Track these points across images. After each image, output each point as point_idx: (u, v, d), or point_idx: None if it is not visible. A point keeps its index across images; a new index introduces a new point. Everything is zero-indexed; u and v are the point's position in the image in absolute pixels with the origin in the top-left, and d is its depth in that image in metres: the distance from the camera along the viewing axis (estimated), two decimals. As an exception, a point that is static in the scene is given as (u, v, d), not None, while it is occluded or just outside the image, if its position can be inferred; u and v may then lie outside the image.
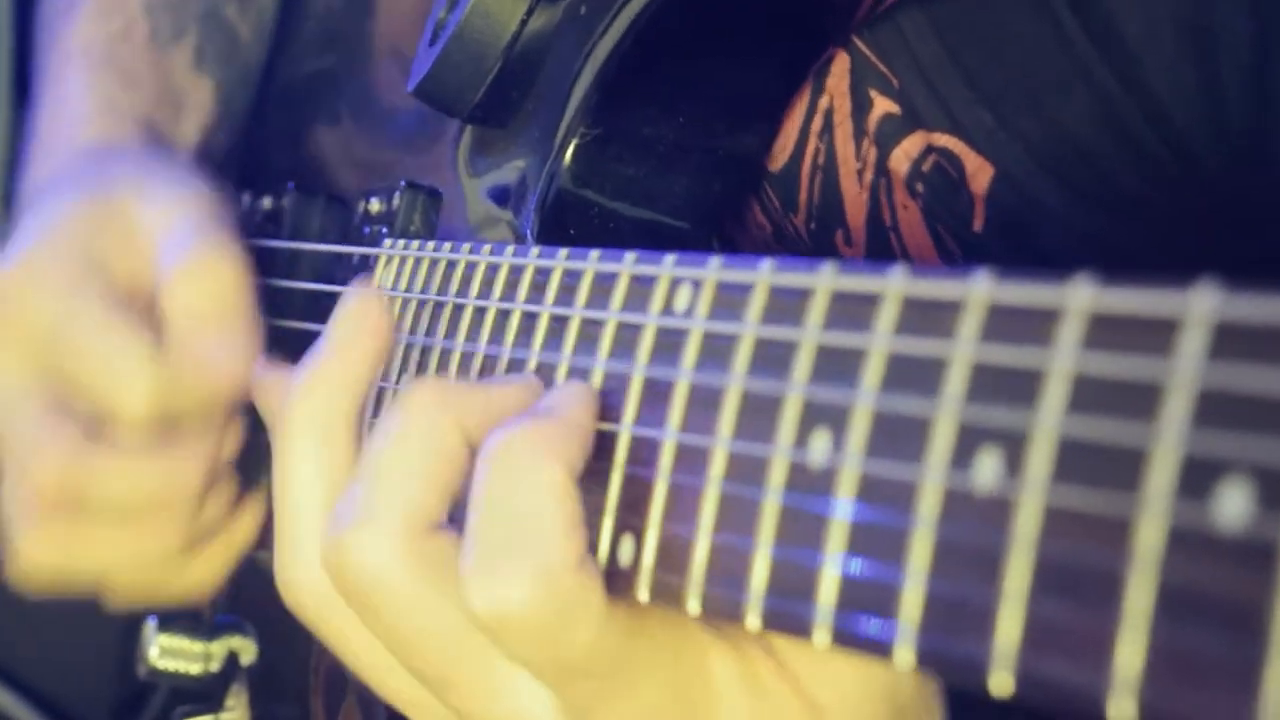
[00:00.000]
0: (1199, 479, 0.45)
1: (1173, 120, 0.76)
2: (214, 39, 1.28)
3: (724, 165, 0.93)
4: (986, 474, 0.52)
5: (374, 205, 1.05)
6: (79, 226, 1.06)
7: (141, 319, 1.02)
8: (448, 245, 0.89)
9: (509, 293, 0.81)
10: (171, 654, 1.15)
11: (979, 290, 0.54)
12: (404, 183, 1.01)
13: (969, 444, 0.52)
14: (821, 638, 0.58)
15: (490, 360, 0.81)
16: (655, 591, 0.66)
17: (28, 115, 1.24)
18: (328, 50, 1.28)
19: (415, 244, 0.95)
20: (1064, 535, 0.49)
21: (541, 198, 0.90)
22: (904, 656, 0.54)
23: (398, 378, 0.88)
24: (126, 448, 1.01)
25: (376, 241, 1.02)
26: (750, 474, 0.62)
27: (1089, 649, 0.47)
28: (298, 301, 1.11)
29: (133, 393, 1.00)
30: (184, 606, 1.24)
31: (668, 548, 0.66)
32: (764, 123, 0.94)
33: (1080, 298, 0.50)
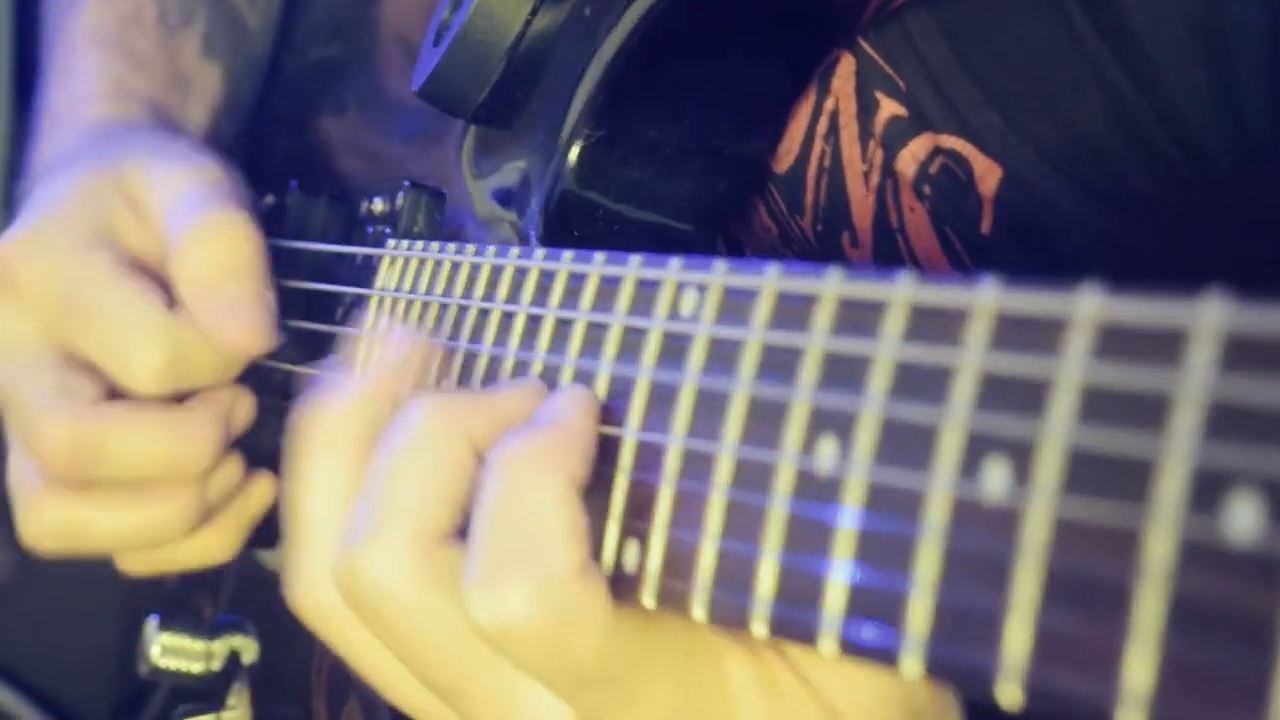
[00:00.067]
0: (1209, 491, 0.45)
1: (1185, 119, 0.76)
2: (222, 26, 1.28)
3: (729, 167, 0.93)
4: (994, 483, 0.51)
5: (377, 205, 1.05)
6: (89, 198, 1.05)
7: (152, 284, 1.01)
8: (452, 246, 0.89)
9: (513, 294, 0.81)
10: (173, 653, 1.15)
11: (986, 298, 0.54)
12: (407, 183, 1.01)
13: (977, 453, 0.52)
14: (828, 646, 0.58)
15: (495, 362, 0.81)
16: (661, 597, 0.66)
17: (35, 93, 1.23)
18: (334, 39, 1.28)
19: (419, 245, 0.94)
20: (1073, 546, 0.49)
21: (546, 199, 0.90)
22: (911, 666, 0.54)
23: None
24: (139, 413, 1.00)
25: (380, 242, 1.02)
26: (756, 480, 0.62)
27: (1098, 661, 0.47)
28: (299, 301, 1.10)
29: (145, 357, 0.99)
30: (185, 605, 1.24)
31: (673, 553, 0.66)
32: (769, 125, 0.94)
33: (1088, 307, 0.50)
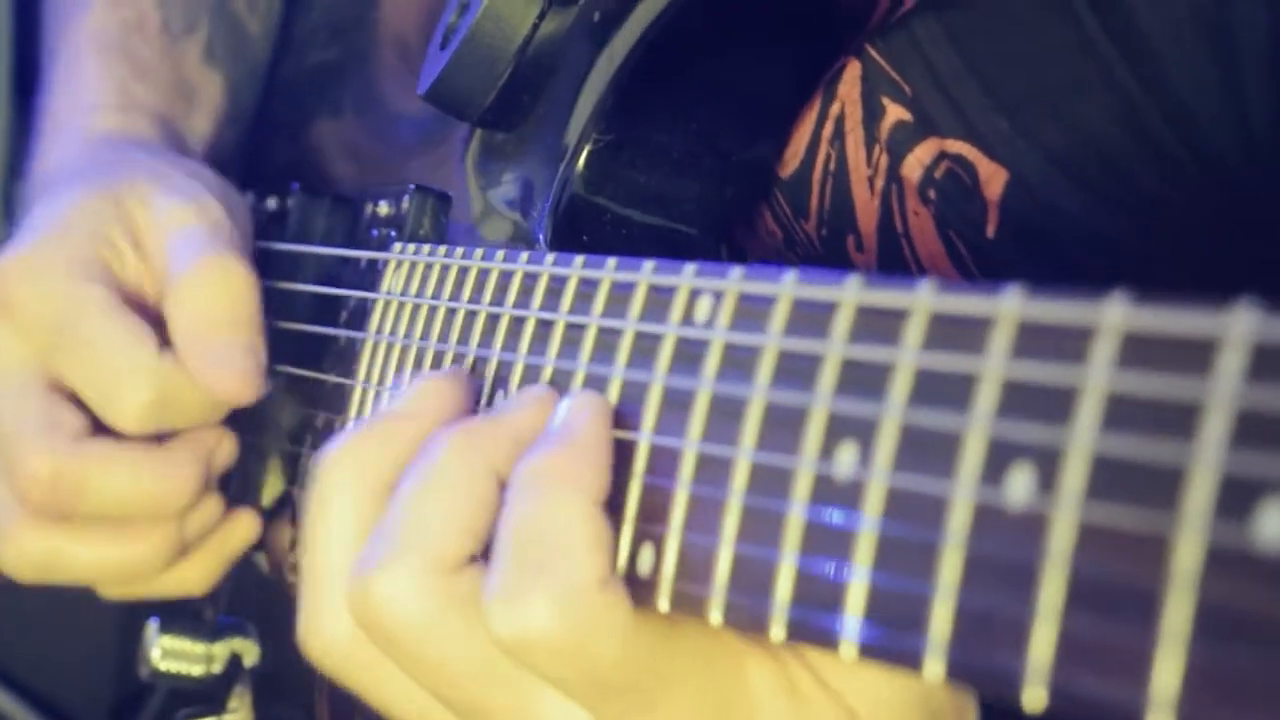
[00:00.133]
0: (1238, 499, 0.45)
1: (1193, 119, 0.76)
2: (224, 33, 1.28)
3: (736, 172, 0.93)
4: (1019, 490, 0.52)
5: (382, 208, 1.04)
6: (90, 221, 1.05)
7: (146, 321, 1.02)
8: (460, 251, 0.89)
9: (523, 299, 0.81)
10: (173, 655, 1.15)
11: (1010, 306, 0.54)
12: (413, 186, 1.01)
13: (1000, 460, 0.53)
14: (848, 650, 0.58)
15: (504, 366, 0.81)
16: (676, 601, 0.66)
17: (35, 99, 1.23)
18: (333, 42, 1.28)
19: (426, 248, 0.94)
20: (1099, 552, 0.49)
21: (555, 203, 0.90)
22: (933, 669, 0.54)
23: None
24: (121, 451, 1.00)
25: (385, 245, 1.02)
26: (774, 485, 0.62)
27: (1126, 666, 0.47)
28: (301, 303, 1.10)
29: (132, 396, 0.99)
30: (186, 607, 1.24)
31: (689, 557, 0.66)
32: (776, 130, 0.94)
33: (1114, 315, 0.50)
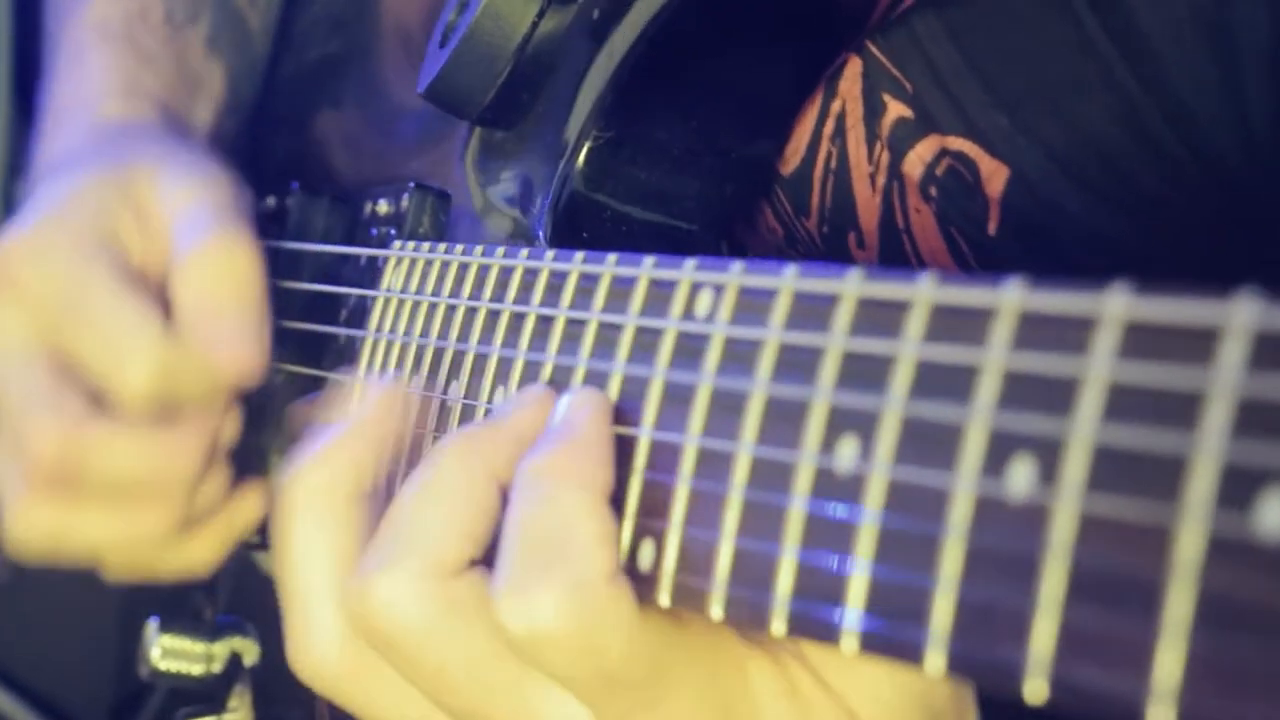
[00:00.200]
0: (1239, 489, 0.45)
1: (1193, 119, 0.76)
2: (226, 25, 1.28)
3: (736, 169, 0.93)
4: (1020, 481, 0.52)
5: (382, 206, 1.04)
6: (95, 200, 1.05)
7: (151, 298, 1.01)
8: (460, 247, 0.89)
9: (523, 295, 0.81)
10: (173, 655, 1.15)
11: (1011, 297, 0.54)
12: (413, 184, 1.01)
13: (1002, 451, 0.53)
14: (849, 644, 0.58)
15: (505, 363, 0.81)
16: (677, 596, 0.66)
17: (38, 88, 1.23)
18: (334, 34, 1.28)
19: (425, 246, 0.94)
20: (1101, 543, 0.49)
21: (554, 200, 0.90)
22: (935, 662, 0.54)
23: (409, 380, 0.88)
24: (126, 425, 1.00)
25: (385, 243, 1.02)
26: (775, 479, 0.62)
27: (1127, 657, 0.47)
28: (301, 302, 1.10)
29: (137, 368, 0.99)
30: (186, 606, 1.24)
31: (689, 552, 0.66)
32: (776, 127, 0.94)
33: (1116, 306, 0.50)
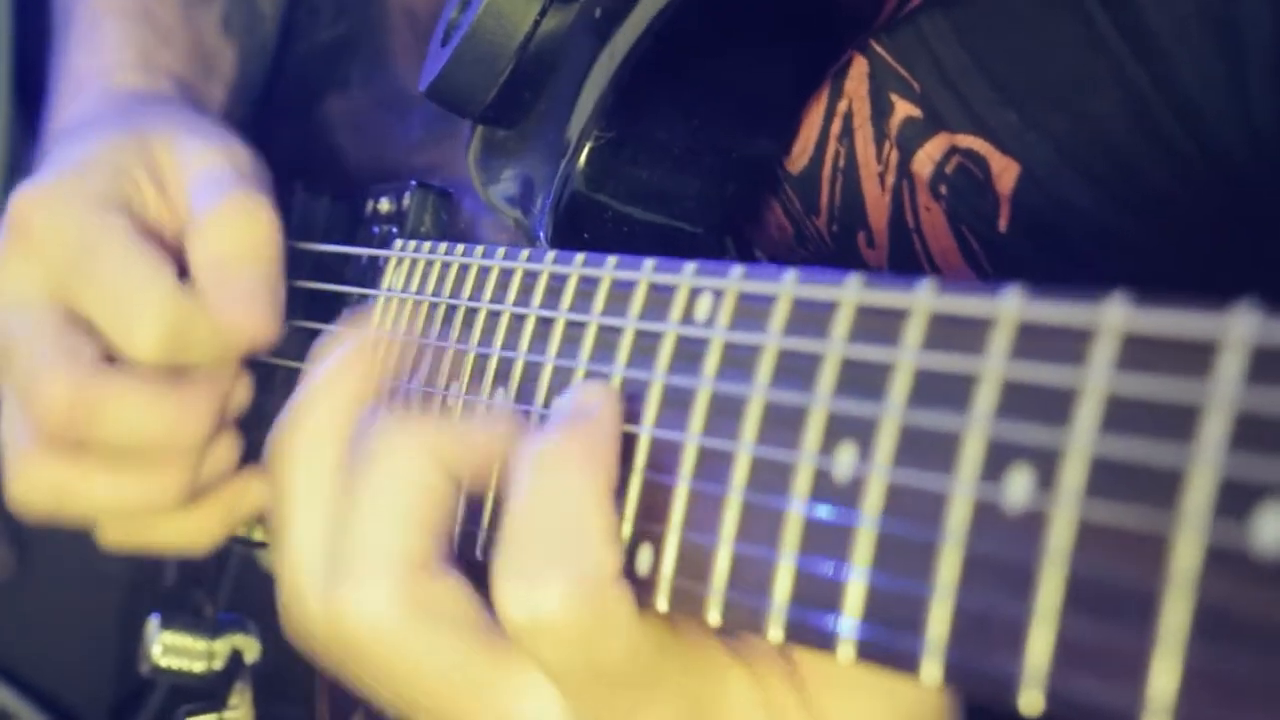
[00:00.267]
0: (1237, 501, 0.45)
1: (1201, 116, 0.76)
2: (239, 7, 1.28)
3: (738, 169, 0.93)
4: (1018, 491, 0.51)
5: (384, 205, 1.04)
6: (112, 160, 1.05)
7: (165, 256, 1.01)
8: (460, 248, 0.89)
9: (524, 297, 0.81)
10: (174, 652, 1.15)
11: (1009, 307, 0.54)
12: (414, 183, 1.01)
13: (1000, 460, 0.52)
14: (845, 652, 0.58)
15: (505, 364, 0.81)
16: (675, 600, 0.66)
17: (50, 63, 1.23)
18: (340, 18, 1.28)
19: (426, 246, 0.94)
20: (1098, 553, 0.49)
21: (555, 200, 0.90)
22: (931, 671, 0.54)
23: (409, 377, 0.88)
24: (137, 379, 0.99)
25: (386, 242, 1.02)
26: (773, 484, 0.62)
27: (1123, 667, 0.47)
28: (302, 301, 1.10)
29: (148, 325, 0.98)
30: (187, 604, 1.24)
31: (688, 556, 0.66)
32: (779, 126, 0.94)
33: (1114, 316, 0.50)
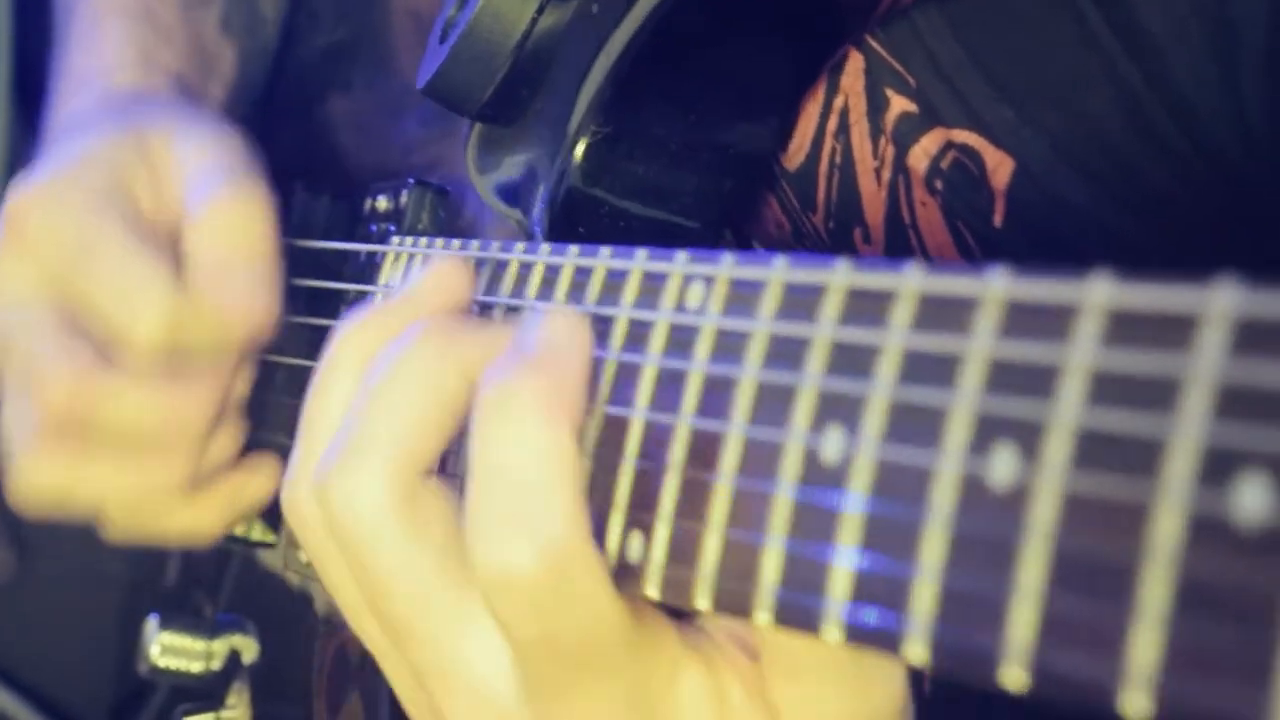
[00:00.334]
0: (1217, 472, 0.45)
1: (1196, 114, 0.76)
2: (239, 8, 1.29)
3: (735, 164, 0.93)
4: (1002, 468, 0.51)
5: (381, 203, 1.05)
6: (108, 157, 1.05)
7: (162, 250, 1.02)
8: (456, 242, 0.90)
9: (518, 289, 0.81)
10: (173, 652, 1.15)
11: (996, 287, 0.54)
12: (412, 180, 1.01)
13: (985, 438, 0.52)
14: (832, 633, 0.58)
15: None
16: (664, 587, 0.66)
17: (51, 61, 1.24)
18: (340, 24, 1.28)
19: (423, 241, 0.95)
20: (1079, 528, 0.49)
21: (552, 196, 0.90)
22: (916, 651, 0.54)
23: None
24: (137, 374, 1.00)
25: (384, 239, 1.02)
26: (763, 468, 0.62)
27: (1103, 641, 0.47)
28: (301, 298, 1.11)
29: (146, 319, 0.99)
30: (186, 604, 1.24)
31: (678, 543, 0.66)
32: (776, 122, 0.94)
33: (1099, 294, 0.50)
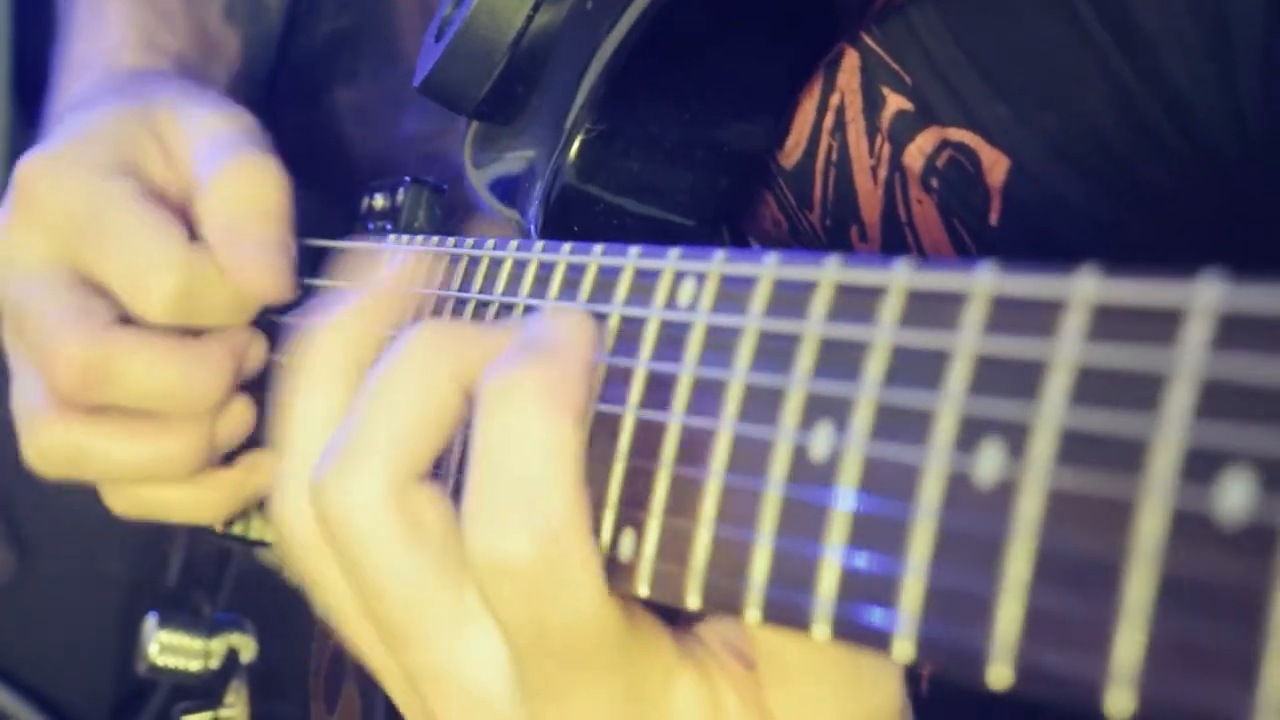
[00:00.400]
0: (1201, 469, 0.45)
1: (1191, 111, 0.76)
2: None
3: (730, 161, 0.93)
4: (989, 466, 0.51)
5: (378, 201, 1.05)
6: (116, 129, 1.06)
7: (174, 215, 1.01)
8: (451, 240, 0.90)
9: (512, 287, 0.81)
10: (171, 650, 1.15)
11: (983, 282, 0.54)
12: (408, 179, 1.01)
13: (972, 436, 0.52)
14: (821, 630, 0.58)
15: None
16: (655, 584, 0.66)
17: (54, 49, 1.24)
18: (342, 12, 1.28)
19: (419, 239, 0.95)
20: (1065, 525, 0.49)
21: (546, 193, 0.90)
22: (903, 648, 0.54)
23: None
24: (152, 338, 1.00)
25: (381, 238, 1.02)
26: (753, 466, 0.62)
27: (1088, 639, 0.47)
28: (299, 297, 1.10)
29: (160, 283, 0.99)
30: (185, 603, 1.24)
31: (669, 540, 0.66)
32: (771, 119, 0.94)
33: (1084, 289, 0.50)
